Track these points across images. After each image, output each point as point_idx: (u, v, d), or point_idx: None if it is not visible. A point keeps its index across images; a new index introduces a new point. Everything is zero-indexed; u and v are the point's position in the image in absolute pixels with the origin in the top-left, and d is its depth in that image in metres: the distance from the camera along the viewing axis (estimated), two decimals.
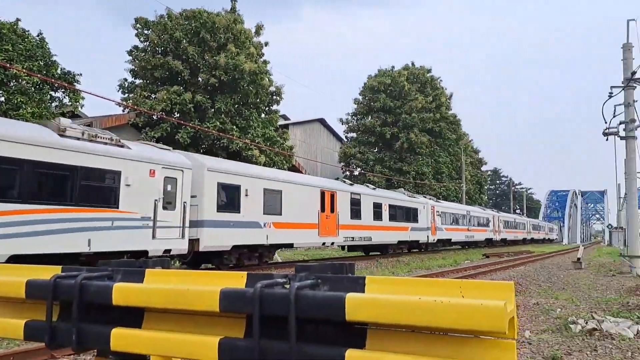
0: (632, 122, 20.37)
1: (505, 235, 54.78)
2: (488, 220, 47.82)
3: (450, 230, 37.73)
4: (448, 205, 39.19)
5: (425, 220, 32.83)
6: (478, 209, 46.71)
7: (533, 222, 75.83)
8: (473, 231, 42.79)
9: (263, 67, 29.47)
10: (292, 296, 1.84)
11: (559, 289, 15.59)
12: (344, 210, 23.97)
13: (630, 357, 6.75)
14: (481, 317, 1.58)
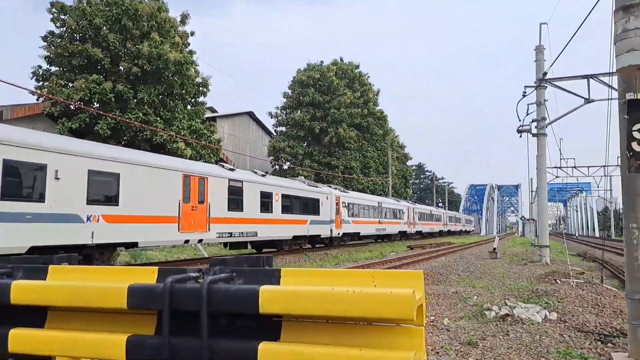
0: (543, 120, 21.74)
1: (421, 227, 53.09)
2: (402, 212, 45.70)
3: (358, 223, 34.62)
4: (356, 196, 36.08)
5: (329, 213, 29.68)
6: (391, 200, 44.23)
7: (450, 214, 76.11)
8: (385, 224, 40.36)
9: (189, 57, 28.63)
10: (204, 290, 1.80)
11: (476, 277, 16.41)
12: (218, 200, 20.03)
13: (538, 339, 7.20)
14: (391, 305, 1.62)
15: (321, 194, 29.27)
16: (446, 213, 71.58)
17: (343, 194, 32.53)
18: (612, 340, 7.27)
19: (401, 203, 46.55)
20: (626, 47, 6.07)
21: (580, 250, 37.12)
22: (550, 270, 16.63)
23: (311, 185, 29.28)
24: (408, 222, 47.37)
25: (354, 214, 33.89)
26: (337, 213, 30.65)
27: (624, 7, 6.13)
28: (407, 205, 48.00)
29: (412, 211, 48.69)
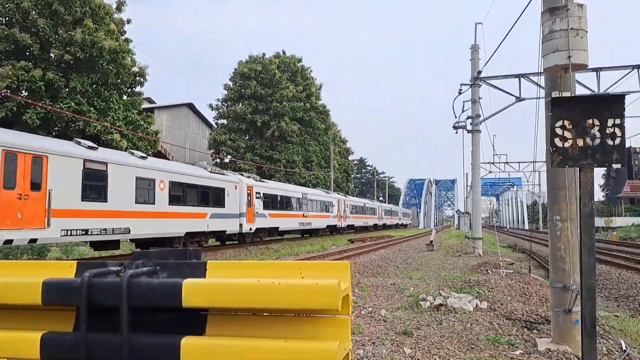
0: (478, 117, 22.55)
1: (353, 221, 48.87)
2: (331, 205, 41.87)
3: (276, 217, 30.41)
4: (275, 186, 31.95)
5: (237, 204, 25.46)
6: (318, 192, 40.39)
7: (386, 207, 72.44)
8: (311, 217, 36.58)
9: (125, 45, 27.56)
10: (124, 284, 1.72)
11: (414, 269, 16.86)
12: (66, 186, 15.63)
13: (469, 328, 7.47)
14: (316, 296, 1.61)
15: (227, 182, 24.92)
16: (381, 206, 67.74)
17: (257, 184, 28.48)
18: (537, 327, 7.66)
19: (331, 195, 42.90)
20: (552, 48, 6.37)
21: (510, 242, 38.90)
22: (483, 262, 17.31)
23: (215, 172, 25.00)
24: (338, 216, 43.40)
25: (271, 206, 29.70)
26: (249, 205, 26.52)
27: (550, 9, 6.42)
28: (338, 197, 43.87)
29: (343, 204, 44.76)
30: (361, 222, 52.93)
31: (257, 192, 28.06)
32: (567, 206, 6.56)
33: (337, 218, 43.14)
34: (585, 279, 4.15)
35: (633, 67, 19.13)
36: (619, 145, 4.13)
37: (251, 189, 27.33)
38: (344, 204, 45.54)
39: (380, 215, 63.68)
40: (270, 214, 29.53)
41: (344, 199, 46.05)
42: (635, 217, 54.86)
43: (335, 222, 42.74)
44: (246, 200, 26.36)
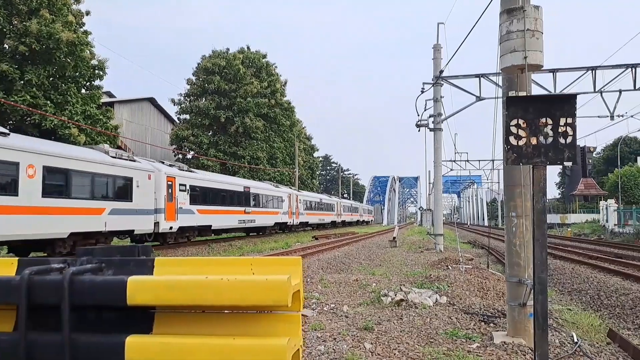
0: (439, 115, 22.93)
1: (307, 218, 45.12)
2: (280, 200, 37.86)
3: (208, 213, 25.91)
4: (206, 177, 27.16)
5: (152, 198, 20.86)
6: (266, 185, 36.41)
7: (345, 203, 67.39)
8: (255, 214, 32.31)
9: (83, 37, 26.76)
10: (66, 282, 1.65)
11: (377, 265, 17.02)
12: None
13: (428, 322, 7.60)
14: (266, 292, 1.59)
15: (137, 170, 20.12)
16: (340, 202, 62.85)
17: (181, 173, 23.83)
18: (494, 321, 7.85)
19: (281, 189, 39.03)
20: (509, 48, 6.52)
21: (470, 238, 39.80)
22: (443, 257, 17.62)
23: (120, 157, 19.97)
24: (289, 212, 39.34)
25: (201, 200, 25.22)
26: (169, 199, 21.99)
27: (508, 10, 6.56)
28: (289, 192, 40.13)
29: (295, 199, 40.86)
30: (316, 219, 48.48)
31: (182, 184, 23.37)
32: (522, 203, 6.73)
33: (288, 215, 39.04)
34: (538, 273, 4.26)
35: (587, 68, 19.82)
36: (570, 144, 4.25)
37: (172, 179, 22.51)
38: (297, 200, 41.53)
39: (338, 211, 59.69)
40: (199, 210, 24.85)
41: (297, 193, 42.23)
42: (588, 214, 56.92)
43: (286, 219, 38.72)
44: (165, 193, 21.63)
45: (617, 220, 40.17)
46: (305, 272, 13.91)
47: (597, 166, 76.96)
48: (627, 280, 13.40)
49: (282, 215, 37.85)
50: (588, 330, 8.13)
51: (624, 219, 39.06)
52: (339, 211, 59.52)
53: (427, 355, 5.76)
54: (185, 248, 22.70)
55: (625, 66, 19.67)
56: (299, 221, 42.51)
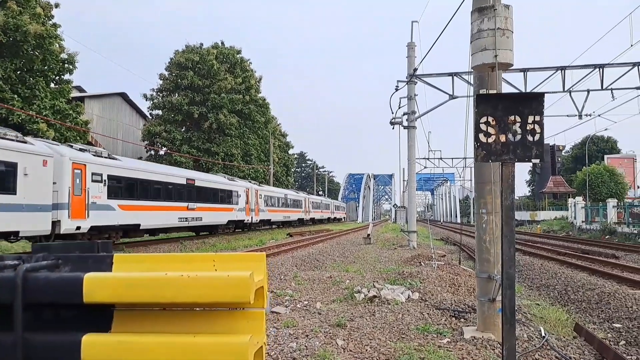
0: (413, 113, 23.10)
1: (270, 215, 40.20)
2: (235, 195, 32.74)
3: (135, 210, 21.54)
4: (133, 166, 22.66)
5: (45, 191, 16.56)
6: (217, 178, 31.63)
7: (315, 199, 61.58)
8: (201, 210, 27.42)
9: (52, 30, 26.12)
10: (19, 280, 1.59)
11: (350, 262, 17.08)
12: None
13: (401, 318, 7.65)
14: (227, 289, 1.56)
15: (25, 154, 15.88)
16: (309, 198, 57.54)
17: (95, 160, 19.38)
18: (464, 316, 7.95)
19: (237, 182, 34.42)
20: (480, 47, 6.59)
21: (443, 235, 40.30)
22: (416, 254, 17.78)
23: None
24: (247, 209, 34.33)
25: (127, 194, 21.12)
26: (77, 192, 17.90)
27: (479, 9, 6.63)
28: (247, 185, 35.25)
29: (254, 194, 36.14)
30: (280, 216, 43.82)
31: (96, 173, 19.07)
32: (492, 200, 6.83)
33: (246, 211, 33.94)
34: (506, 269, 4.31)
35: (557, 68, 20.23)
36: (538, 141, 4.31)
37: (82, 167, 18.31)
38: (256, 195, 36.72)
39: (307, 208, 55.11)
40: (122, 206, 20.64)
41: (257, 188, 37.39)
42: (557, 211, 58.24)
43: (243, 216, 34.13)
44: (70, 184, 17.51)
45: (585, 217, 41.22)
46: (279, 269, 13.87)
47: (566, 164, 78.79)
48: (593, 275, 13.75)
49: (238, 212, 33.32)
50: (555, 325, 8.31)
51: (591, 216, 40.09)
52: (307, 208, 55.23)
53: (399, 350, 5.80)
54: (157, 246, 22.39)
55: (593, 66, 20.14)
56: (259, 219, 37.71)
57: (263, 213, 38.74)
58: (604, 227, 34.41)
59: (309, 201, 56.60)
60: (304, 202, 53.73)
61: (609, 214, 35.27)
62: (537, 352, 6.43)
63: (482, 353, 5.83)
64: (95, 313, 1.76)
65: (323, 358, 5.43)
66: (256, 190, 37.49)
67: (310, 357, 5.52)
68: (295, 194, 51.72)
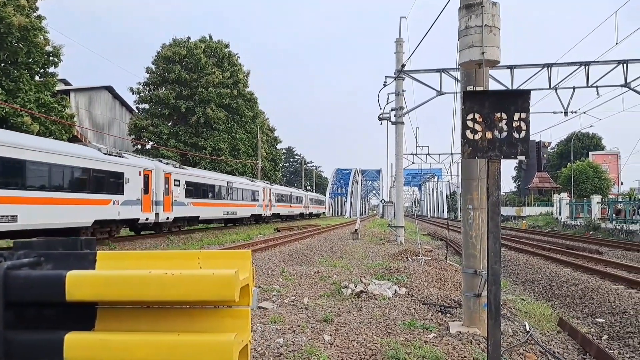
0: (401, 109, 23.16)
1: (201, 210, 28.81)
2: (125, 180, 21.59)
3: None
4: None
5: None
6: (107, 158, 20.90)
7: (280, 190, 49.09)
8: (72, 203, 18.15)
9: (37, 22, 25.72)
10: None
11: (338, 257, 17.11)
12: None
13: (387, 313, 7.68)
14: (212, 287, 1.55)
15: None
16: (271, 189, 44.70)
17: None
18: (450, 311, 8.01)
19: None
20: (467, 43, 6.61)
21: (430, 231, 40.52)
22: (404, 249, 17.86)
23: None
24: (166, 202, 24.61)
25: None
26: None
27: (466, 6, 6.65)
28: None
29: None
30: (220, 211, 31.84)
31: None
32: (479, 196, 6.87)
33: (164, 206, 24.38)
34: (491, 264, 4.35)
35: (543, 65, 20.38)
36: (523, 138, 4.34)
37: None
38: (182, 184, 26.37)
39: (268, 201, 43.18)
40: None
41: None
42: (542, 206, 58.86)
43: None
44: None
45: (569, 213, 41.70)
46: (267, 265, 13.85)
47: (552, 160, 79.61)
48: (577, 271, 13.91)
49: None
50: (540, 320, 8.40)
51: (575, 211, 40.57)
52: (269, 201, 43.36)
53: (385, 345, 5.82)
54: (143, 241, 22.24)
55: (578, 64, 20.33)
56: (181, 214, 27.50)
57: (187, 208, 34.53)
58: (588, 223, 34.84)
59: (271, 192, 44.51)
60: (262, 194, 41.35)
61: (593, 210, 35.71)
62: (522, 346, 6.51)
63: (468, 348, 5.88)
64: (78, 311, 1.74)
65: (310, 353, 5.43)
66: (181, 177, 34.07)
67: (297, 352, 5.53)
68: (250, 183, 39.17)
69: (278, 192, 45.53)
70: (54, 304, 1.72)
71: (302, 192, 59.91)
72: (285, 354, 5.47)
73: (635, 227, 28.05)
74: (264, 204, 39.88)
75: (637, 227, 27.97)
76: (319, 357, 5.29)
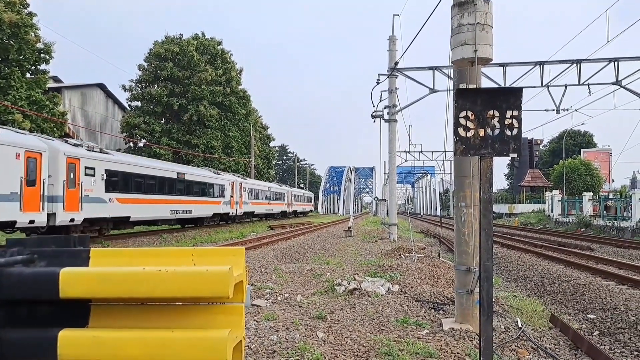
0: (394, 107, 23.19)
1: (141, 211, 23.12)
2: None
3: None
4: None
5: None
6: None
7: (254, 185, 42.41)
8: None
9: (28, 19, 25.55)
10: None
11: (331, 255, 17.13)
12: None
13: (381, 310, 7.71)
14: (206, 283, 1.55)
15: None
16: (242, 183, 38.45)
17: None
18: (443, 308, 8.05)
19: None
20: (460, 41, 6.64)
21: (423, 228, 40.64)
22: (397, 247, 17.90)
23: None
24: (70, 200, 18.09)
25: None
26: None
27: (459, 3, 6.67)
28: (71, 151, 18.32)
29: (92, 169, 19.40)
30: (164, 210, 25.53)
31: None
32: (471, 193, 6.90)
33: (66, 203, 17.84)
34: (484, 261, 4.37)
35: (535, 63, 20.46)
36: (515, 136, 4.37)
37: None
38: (79, 170, 18.83)
39: (239, 197, 37.31)
40: None
41: (96, 157, 19.99)
42: (535, 204, 59.17)
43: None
44: None
45: (561, 210, 41.97)
46: (260, 262, 13.85)
47: (544, 158, 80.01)
48: (569, 267, 14.02)
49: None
50: (532, 316, 8.47)
51: (567, 208, 40.84)
52: (238, 196, 37.12)
53: (378, 342, 5.84)
54: (136, 239, 22.15)
55: (570, 62, 20.43)
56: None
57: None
58: (579, 220, 35.09)
59: (242, 188, 38.49)
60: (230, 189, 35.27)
61: (585, 207, 35.97)
62: (514, 342, 6.56)
63: (460, 344, 5.91)
64: (72, 308, 1.74)
65: (303, 350, 5.44)
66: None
67: (290, 349, 5.54)
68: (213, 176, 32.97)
69: (252, 187, 39.89)
70: (47, 302, 1.71)
71: (285, 188, 54.42)
72: (278, 351, 5.48)
73: (626, 224, 28.29)
74: (232, 201, 34.04)
75: (628, 224, 28.21)
76: (312, 354, 5.30)
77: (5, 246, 1.81)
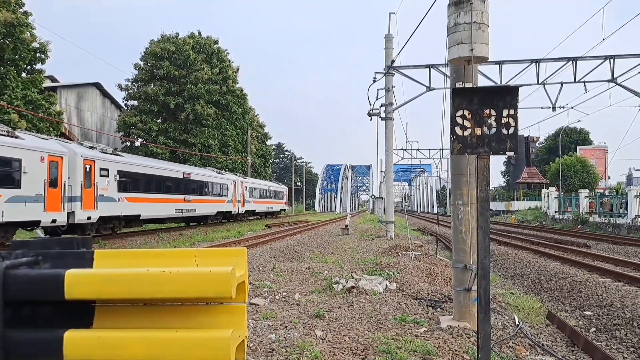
0: (391, 105, 23.21)
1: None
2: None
3: None
4: None
5: None
6: None
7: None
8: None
9: (23, 19, 25.46)
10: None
11: (329, 253, 17.17)
12: None
13: (378, 308, 7.75)
14: (209, 284, 1.58)
15: None
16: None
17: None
18: (441, 305, 8.10)
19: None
20: (456, 40, 6.67)
21: (420, 226, 40.72)
22: (394, 244, 17.96)
23: None
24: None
25: None
26: None
27: (455, 2, 6.70)
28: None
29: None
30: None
31: None
32: (468, 191, 6.94)
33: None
34: (481, 259, 4.41)
35: (532, 61, 20.53)
36: (512, 134, 4.40)
37: None
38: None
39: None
40: None
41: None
42: (531, 201, 59.34)
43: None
44: None
45: (558, 207, 42.10)
46: (258, 261, 13.87)
47: (540, 155, 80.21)
48: (566, 264, 14.10)
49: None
50: (529, 313, 8.52)
51: (564, 206, 40.97)
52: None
53: (377, 340, 5.88)
54: (133, 238, 22.15)
55: (566, 59, 20.50)
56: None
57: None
58: (576, 217, 35.22)
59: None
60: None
61: (581, 204, 36.10)
62: (511, 339, 6.61)
63: (458, 342, 5.95)
64: (76, 309, 1.76)
65: (302, 349, 5.47)
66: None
67: (289, 348, 5.57)
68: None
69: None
70: (52, 303, 1.74)
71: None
72: (277, 350, 5.51)
73: (622, 221, 28.42)
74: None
75: (624, 220, 28.34)
76: (311, 353, 5.33)
77: (10, 248, 1.83)
